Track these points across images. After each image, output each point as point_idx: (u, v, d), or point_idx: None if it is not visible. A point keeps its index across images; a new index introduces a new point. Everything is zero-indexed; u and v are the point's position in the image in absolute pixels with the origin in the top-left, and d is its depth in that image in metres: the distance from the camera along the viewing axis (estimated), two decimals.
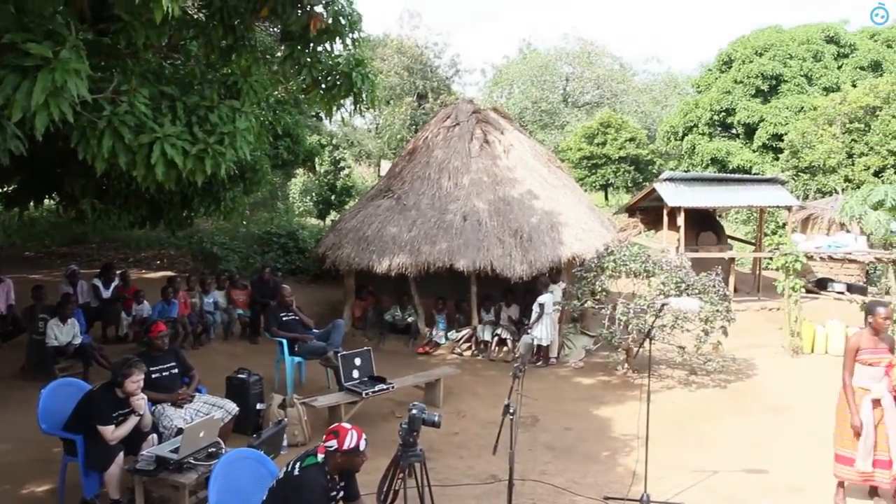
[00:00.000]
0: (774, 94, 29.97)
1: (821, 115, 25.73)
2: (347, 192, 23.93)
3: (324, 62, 7.04)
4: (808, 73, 29.94)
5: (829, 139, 24.96)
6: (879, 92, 24.58)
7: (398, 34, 37.48)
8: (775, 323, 14.25)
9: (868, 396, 6.31)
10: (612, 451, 8.08)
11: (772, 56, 30.13)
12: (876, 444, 6.34)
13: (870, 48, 30.89)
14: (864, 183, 21.73)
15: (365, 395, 8.27)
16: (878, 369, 6.32)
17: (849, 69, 30.19)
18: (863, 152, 24.50)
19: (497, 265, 11.78)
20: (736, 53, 31.76)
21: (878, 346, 6.34)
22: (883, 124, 24.16)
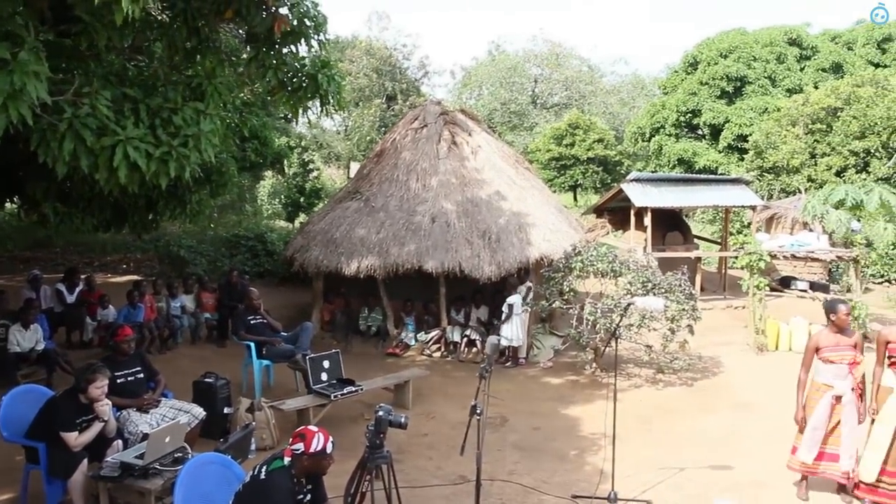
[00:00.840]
0: (739, 96, 30.45)
1: (784, 116, 26.17)
2: (316, 194, 23.82)
3: (289, 64, 6.99)
4: (772, 75, 30.45)
5: (792, 140, 25.39)
6: (840, 93, 25.07)
7: (367, 36, 37.49)
8: (741, 321, 14.44)
9: (830, 393, 6.42)
10: (580, 449, 8.14)
11: (736, 58, 30.59)
12: (827, 438, 6.46)
13: (831, 50, 31.51)
14: (826, 182, 22.13)
15: (334, 397, 8.25)
16: (840, 366, 6.41)
17: (811, 71, 30.76)
18: (825, 152, 24.96)
19: (465, 266, 11.81)
20: (701, 55, 32.20)
21: (841, 343, 6.44)
22: (844, 125, 24.63)
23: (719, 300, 16.54)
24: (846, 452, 6.43)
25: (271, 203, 28.38)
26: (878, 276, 20.03)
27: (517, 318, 11.71)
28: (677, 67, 35.15)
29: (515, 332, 11.71)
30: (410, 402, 9.53)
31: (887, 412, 6.38)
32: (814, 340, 6.59)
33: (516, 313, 11.71)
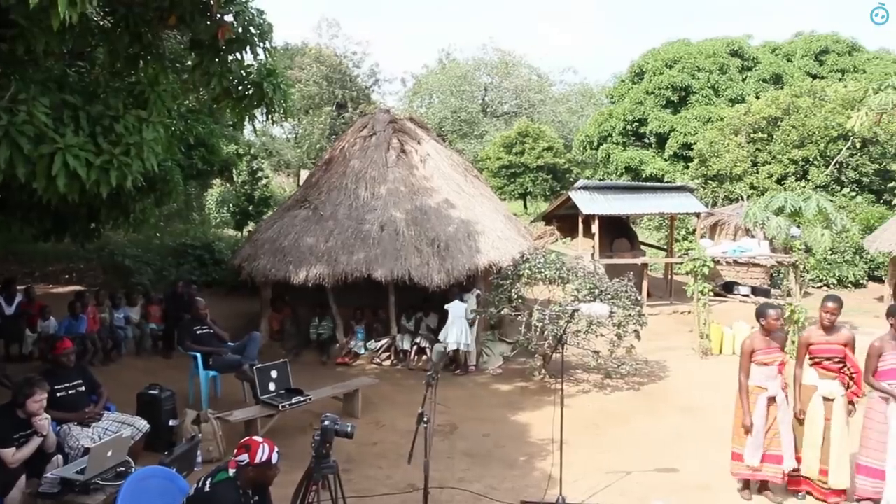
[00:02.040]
0: (684, 105, 31.09)
1: (727, 125, 26.84)
2: (265, 202, 23.60)
3: (234, 72, 6.92)
4: (715, 85, 31.17)
5: (735, 148, 26.03)
6: (780, 103, 25.82)
7: (317, 43, 37.28)
8: (686, 326, 14.73)
9: (764, 395, 6.62)
10: (529, 455, 8.20)
11: (681, 68, 31.25)
12: (768, 441, 6.65)
13: (771, 62, 32.42)
14: (767, 190, 22.72)
15: (282, 407, 8.18)
16: (771, 368, 6.65)
17: (752, 81, 31.58)
18: (766, 161, 25.65)
19: (415, 274, 11.82)
20: (647, 65, 32.80)
21: (771, 346, 6.67)
22: (784, 134, 25.35)
23: (665, 305, 16.85)
24: (787, 452, 6.62)
25: (219, 211, 28.00)
26: (818, 281, 20.60)
27: (460, 320, 11.74)
28: (624, 77, 35.77)
29: (462, 337, 11.73)
30: (360, 411, 9.49)
31: (815, 411, 6.60)
32: (748, 345, 6.79)
33: (459, 316, 11.75)
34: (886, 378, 6.43)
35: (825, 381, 6.60)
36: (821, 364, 6.63)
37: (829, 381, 6.59)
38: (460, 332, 11.73)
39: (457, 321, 11.75)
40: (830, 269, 20.65)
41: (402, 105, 43.93)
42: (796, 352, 6.89)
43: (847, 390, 6.61)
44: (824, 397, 6.58)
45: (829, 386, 6.58)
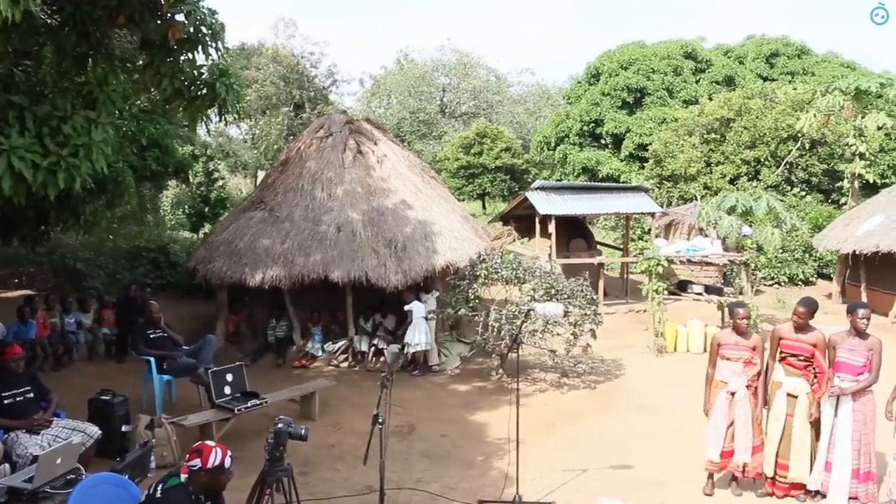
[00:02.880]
0: (639, 106, 31.51)
1: (681, 126, 27.28)
2: (222, 203, 23.31)
3: (186, 72, 6.86)
4: (670, 87, 31.65)
5: (689, 149, 26.46)
6: (732, 105, 26.33)
7: (273, 43, 36.92)
8: (642, 324, 14.92)
9: (725, 389, 6.75)
10: (486, 455, 8.24)
11: (636, 70, 31.66)
12: (727, 434, 6.78)
13: (724, 64, 33.03)
14: (721, 190, 23.13)
15: (237, 411, 8.11)
16: (735, 364, 6.77)
17: (705, 83, 32.14)
18: (719, 161, 26.13)
19: (372, 275, 11.78)
20: (603, 67, 33.17)
21: (739, 343, 6.80)
22: (736, 135, 25.86)
23: (621, 304, 17.05)
24: (741, 447, 6.76)
25: (175, 213, 27.62)
26: (769, 279, 21.03)
27: (421, 322, 11.76)
28: (580, 78, 36.11)
29: (420, 337, 11.74)
30: (317, 414, 9.45)
31: (778, 407, 6.76)
32: (716, 338, 6.97)
33: (417, 318, 11.77)
34: (837, 371, 6.61)
35: (791, 377, 6.74)
36: (787, 360, 6.78)
37: (794, 377, 6.74)
38: (423, 333, 11.74)
39: (419, 322, 11.77)
40: (781, 268, 21.09)
41: (361, 106, 43.78)
42: (769, 344, 7.01)
43: (811, 388, 6.76)
44: (789, 393, 6.73)
45: (794, 382, 6.72)
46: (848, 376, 6.54)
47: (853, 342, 6.58)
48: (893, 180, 21.65)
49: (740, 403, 6.76)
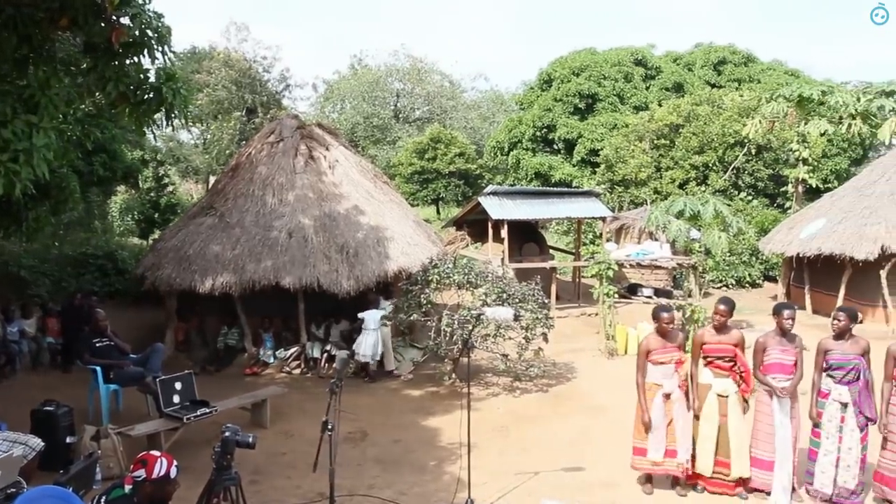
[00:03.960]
0: (591, 112, 31.87)
1: (632, 131, 27.68)
2: (172, 209, 22.94)
3: (132, 76, 6.76)
4: (620, 93, 32.08)
5: (639, 154, 26.86)
6: (681, 111, 26.82)
7: (225, 47, 36.46)
8: (593, 327, 15.09)
9: (660, 392, 6.88)
10: (439, 460, 8.26)
11: (587, 76, 32.03)
12: (667, 435, 6.90)
13: (673, 71, 33.62)
14: (671, 194, 23.49)
15: (186, 420, 8.00)
16: (668, 367, 6.92)
17: (655, 89, 32.67)
18: (669, 166, 26.58)
19: (324, 281, 11.73)
20: (555, 73, 33.48)
21: (667, 346, 6.95)
22: (685, 141, 26.35)
23: (574, 308, 17.22)
24: (682, 447, 6.89)
25: (124, 220, 27.09)
26: (718, 282, 21.43)
27: (370, 332, 11.71)
28: (533, 84, 36.40)
29: (367, 349, 11.70)
30: (268, 421, 9.39)
31: (710, 409, 6.90)
32: (644, 345, 7.06)
33: (370, 328, 11.72)
34: (771, 372, 6.79)
35: (719, 379, 6.92)
36: (713, 363, 6.94)
37: (722, 378, 6.92)
38: (371, 345, 11.69)
39: (370, 331, 11.73)
40: (729, 270, 21.52)
41: (314, 111, 43.53)
42: (692, 350, 7.17)
43: (738, 388, 6.94)
44: (718, 394, 6.89)
45: (722, 384, 6.90)
46: (781, 376, 6.74)
47: (782, 342, 6.79)
48: (836, 185, 22.22)
49: (677, 404, 6.92)
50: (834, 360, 6.67)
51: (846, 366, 6.60)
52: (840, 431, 6.66)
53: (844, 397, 6.61)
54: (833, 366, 6.68)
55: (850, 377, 6.60)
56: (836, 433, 6.66)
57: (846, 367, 6.60)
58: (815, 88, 22.21)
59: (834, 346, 6.72)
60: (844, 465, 6.63)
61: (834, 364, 6.67)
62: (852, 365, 6.58)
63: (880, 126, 21.10)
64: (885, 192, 16.39)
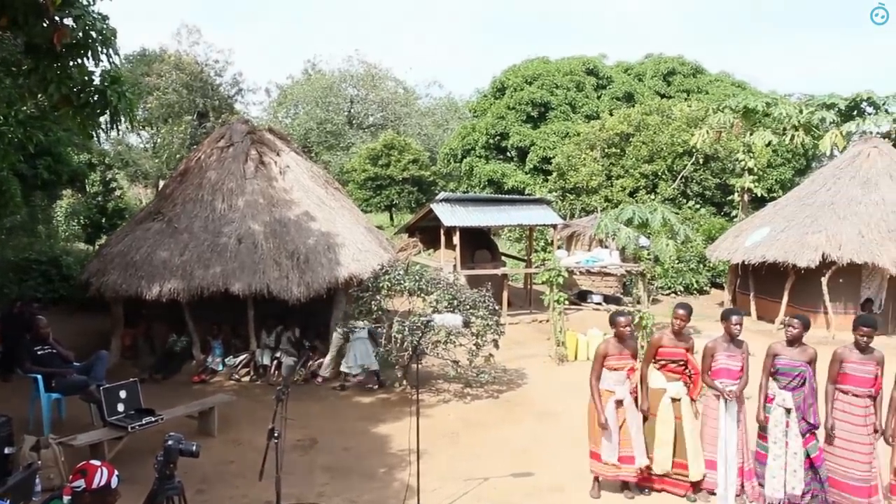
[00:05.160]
0: (543, 120, 32.20)
1: (583, 140, 28.04)
2: (120, 214, 22.49)
3: (75, 78, 6.64)
4: (572, 102, 32.48)
5: (590, 162, 27.21)
6: (632, 121, 27.28)
7: (176, 50, 35.94)
8: (544, 333, 15.20)
9: (612, 398, 6.97)
10: (389, 467, 8.25)
11: (540, 85, 32.35)
12: (621, 441, 7.01)
13: (624, 81, 34.16)
14: (621, 202, 23.87)
15: (131, 429, 7.86)
16: (621, 373, 7.03)
17: (606, 99, 33.15)
18: (619, 174, 26.99)
19: (274, 287, 11.61)
20: (508, 81, 33.75)
21: (622, 352, 7.06)
22: (635, 150, 26.78)
23: (525, 314, 17.35)
24: (638, 451, 7.00)
25: (69, 224, 26.48)
26: (666, 289, 21.80)
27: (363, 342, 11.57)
28: (486, 92, 36.63)
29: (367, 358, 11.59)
30: (216, 430, 9.26)
31: (665, 412, 7.03)
32: (602, 350, 7.14)
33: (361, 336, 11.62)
34: (718, 377, 6.96)
35: (672, 382, 7.07)
36: (667, 367, 7.07)
37: (674, 382, 7.06)
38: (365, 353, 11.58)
39: (358, 342, 11.57)
40: (677, 277, 21.91)
41: (267, 116, 43.17)
42: (645, 352, 7.28)
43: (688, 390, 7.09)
44: (672, 398, 7.02)
45: (675, 387, 7.05)
46: (728, 381, 6.90)
47: (730, 348, 6.96)
48: (780, 194, 22.80)
49: (629, 410, 7.02)
50: (781, 365, 6.84)
51: (792, 372, 6.77)
52: (786, 436, 6.82)
53: (788, 403, 6.78)
54: (780, 371, 6.85)
55: (795, 383, 6.77)
56: (783, 438, 6.83)
57: (792, 373, 6.77)
58: (759, 100, 22.84)
59: (783, 351, 6.90)
60: (791, 469, 6.79)
61: (781, 369, 6.84)
62: (798, 372, 6.75)
63: (822, 137, 21.78)
64: (825, 201, 16.87)
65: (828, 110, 22.36)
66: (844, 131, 21.28)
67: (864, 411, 6.59)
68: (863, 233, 15.62)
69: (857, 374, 6.59)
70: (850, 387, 6.62)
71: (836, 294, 15.78)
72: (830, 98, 22.71)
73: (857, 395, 6.59)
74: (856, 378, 6.59)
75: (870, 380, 6.55)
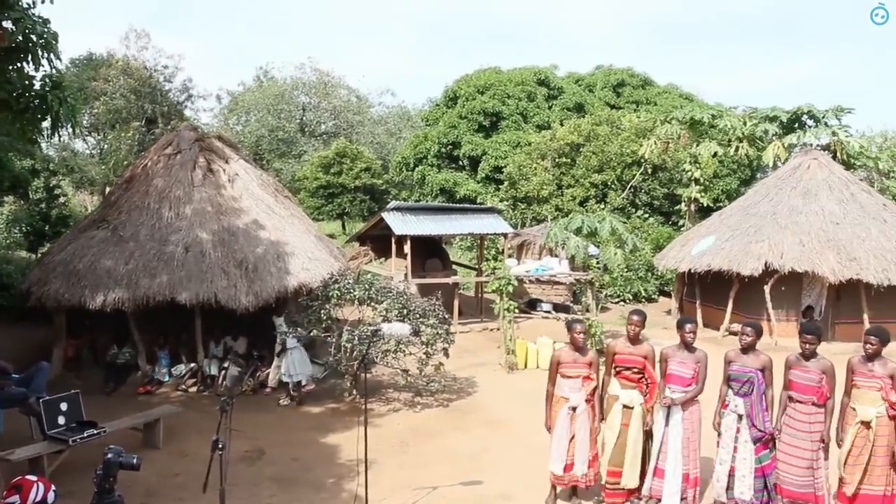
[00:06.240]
0: (495, 130, 32.38)
1: (534, 150, 28.29)
2: (64, 222, 21.99)
3: (14, 82, 6.50)
4: (524, 112, 32.73)
5: (541, 172, 27.47)
6: (582, 131, 27.62)
7: (124, 54, 35.31)
8: (495, 342, 15.29)
9: (566, 405, 7.04)
10: (337, 477, 8.21)
11: (492, 94, 32.54)
12: (570, 448, 7.08)
13: (574, 91, 34.58)
14: (572, 211, 24.12)
15: (72, 442, 7.70)
16: (575, 381, 7.08)
17: (557, 109, 33.50)
18: (570, 184, 27.29)
19: (222, 297, 11.46)
20: (460, 91, 33.88)
21: (578, 360, 7.12)
22: (585, 159, 27.12)
23: (476, 323, 17.41)
24: (580, 459, 7.07)
25: (11, 232, 25.81)
26: (615, 297, 22.08)
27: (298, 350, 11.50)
28: (439, 101, 36.74)
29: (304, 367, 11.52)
30: (161, 442, 9.12)
31: (614, 418, 7.12)
32: (556, 357, 7.22)
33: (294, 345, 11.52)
34: (668, 383, 7.06)
35: (626, 390, 7.14)
36: (622, 374, 7.15)
37: (629, 390, 7.13)
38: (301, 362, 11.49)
39: (294, 351, 11.45)
40: (626, 286, 22.20)
41: (218, 122, 42.69)
42: (605, 361, 7.35)
43: (643, 399, 7.16)
44: (625, 405, 7.10)
45: (629, 395, 7.12)
46: (678, 387, 7.01)
47: (683, 355, 7.07)
48: (726, 204, 23.27)
49: (581, 418, 7.09)
50: (733, 371, 6.99)
51: (742, 377, 6.91)
52: (735, 441, 6.95)
53: (740, 409, 6.91)
54: (732, 377, 6.99)
55: (746, 389, 6.90)
56: (732, 443, 6.96)
57: (742, 378, 6.91)
58: (705, 112, 23.33)
59: (736, 358, 7.04)
60: (739, 475, 6.92)
61: (733, 375, 6.98)
62: (747, 378, 6.89)
63: (765, 149, 22.32)
64: (768, 211, 17.29)
65: (770, 123, 22.92)
66: (786, 143, 21.81)
67: (808, 418, 6.71)
68: (803, 242, 16.03)
69: (800, 382, 6.74)
70: (794, 393, 6.78)
71: (778, 301, 16.16)
72: (773, 111, 23.28)
73: (801, 401, 6.72)
74: (799, 385, 6.74)
75: (812, 387, 6.68)
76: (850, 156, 21.49)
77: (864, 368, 6.55)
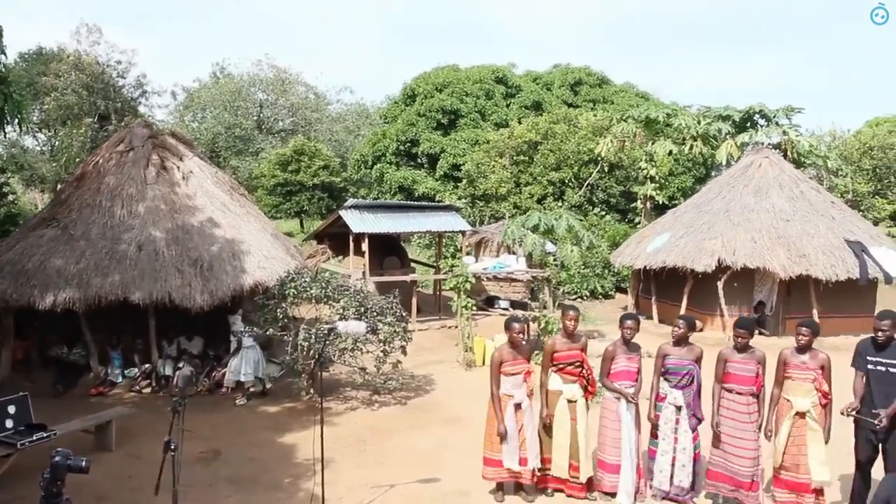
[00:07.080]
0: (453, 128, 32.50)
1: (493, 147, 28.44)
2: (12, 220, 21.52)
3: None
4: (482, 110, 32.91)
5: (500, 170, 27.61)
6: (540, 129, 27.82)
7: (76, 49, 34.62)
8: (453, 339, 15.32)
9: (511, 402, 7.10)
10: (294, 477, 8.16)
11: (450, 92, 32.64)
12: (521, 444, 7.15)
13: (532, 90, 34.83)
14: (529, 209, 24.28)
15: (20, 446, 7.52)
16: (517, 378, 7.17)
17: (515, 107, 33.73)
18: (528, 182, 27.47)
19: (176, 296, 11.28)
20: (419, 88, 33.93)
21: (517, 357, 7.20)
22: (543, 157, 27.32)
23: (434, 321, 17.45)
24: (531, 453, 7.15)
25: None
26: (572, 294, 22.28)
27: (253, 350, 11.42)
28: (397, 99, 36.73)
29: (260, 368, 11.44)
30: (114, 444, 8.97)
31: (562, 415, 7.21)
32: (497, 357, 7.25)
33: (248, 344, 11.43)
34: (618, 379, 7.19)
35: (568, 384, 7.23)
36: (564, 370, 7.24)
37: (571, 384, 7.23)
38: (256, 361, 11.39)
39: (249, 350, 11.37)
40: (583, 282, 22.43)
41: (173, 119, 42.15)
42: (542, 360, 7.44)
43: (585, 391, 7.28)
44: (568, 400, 7.19)
45: (571, 389, 7.22)
46: (627, 383, 7.15)
47: (628, 351, 7.21)
48: (682, 202, 23.64)
49: (527, 413, 7.19)
50: (670, 364, 7.14)
51: (681, 370, 7.07)
52: (675, 433, 7.12)
53: (679, 401, 7.07)
54: (669, 371, 7.14)
55: (685, 382, 7.07)
56: (672, 434, 7.13)
57: (681, 371, 7.07)
58: (660, 111, 23.67)
59: (672, 351, 7.20)
60: (680, 464, 7.10)
61: (671, 369, 7.13)
62: (686, 370, 7.06)
63: (718, 147, 22.73)
64: (720, 209, 17.61)
65: (724, 122, 23.35)
66: (739, 142, 22.25)
67: (748, 409, 6.95)
68: (755, 239, 16.35)
69: (739, 374, 6.96)
70: (733, 385, 6.98)
71: (731, 297, 16.46)
72: (726, 110, 23.71)
73: (741, 392, 6.96)
74: (738, 377, 6.96)
75: (751, 378, 6.93)
76: (801, 154, 21.99)
77: (797, 360, 6.83)
